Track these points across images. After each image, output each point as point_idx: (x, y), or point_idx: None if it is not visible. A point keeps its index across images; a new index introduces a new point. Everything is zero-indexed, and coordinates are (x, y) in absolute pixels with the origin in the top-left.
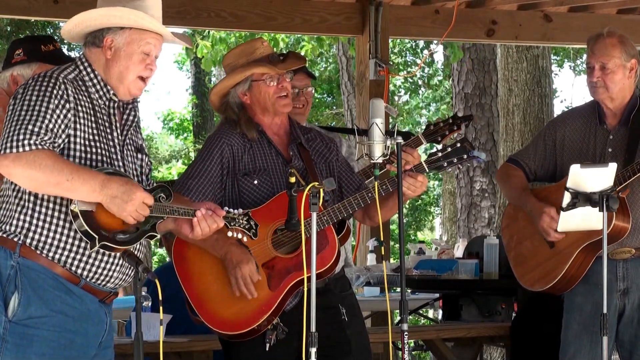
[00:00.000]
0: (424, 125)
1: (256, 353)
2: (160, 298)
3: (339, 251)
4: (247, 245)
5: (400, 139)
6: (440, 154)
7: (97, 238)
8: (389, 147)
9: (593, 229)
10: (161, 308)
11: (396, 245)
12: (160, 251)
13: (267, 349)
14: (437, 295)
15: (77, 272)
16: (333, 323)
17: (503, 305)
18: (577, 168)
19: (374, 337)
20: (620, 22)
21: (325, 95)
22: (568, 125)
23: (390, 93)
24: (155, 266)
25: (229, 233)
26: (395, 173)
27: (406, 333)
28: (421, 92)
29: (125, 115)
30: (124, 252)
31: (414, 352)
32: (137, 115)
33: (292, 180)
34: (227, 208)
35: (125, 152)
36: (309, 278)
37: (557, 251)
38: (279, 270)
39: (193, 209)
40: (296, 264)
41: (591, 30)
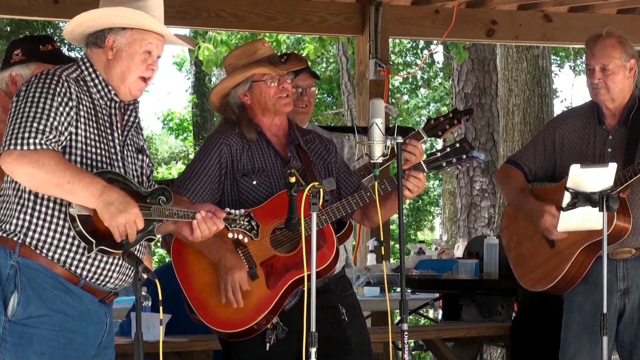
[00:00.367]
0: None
1: (256, 353)
2: (160, 298)
3: (337, 250)
4: (246, 245)
5: (400, 139)
6: (439, 154)
7: (95, 243)
8: (389, 147)
9: (593, 229)
10: (161, 308)
11: (396, 245)
12: (160, 251)
13: (267, 348)
14: (437, 295)
15: (77, 272)
16: (333, 323)
17: (503, 305)
18: (577, 168)
19: (374, 337)
20: (620, 22)
21: (325, 95)
22: (567, 125)
23: (390, 92)
24: (155, 266)
25: (230, 234)
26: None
27: (406, 333)
28: (421, 93)
29: (126, 116)
30: (123, 252)
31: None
32: (138, 116)
33: (292, 180)
34: (228, 209)
35: (125, 153)
36: (308, 277)
37: (558, 251)
38: (278, 268)
39: (193, 212)
40: (295, 263)
41: (591, 30)
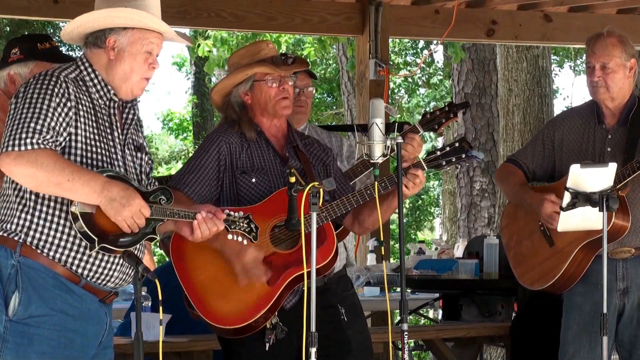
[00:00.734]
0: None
1: (256, 353)
2: (160, 298)
3: (337, 248)
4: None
5: (400, 139)
6: (439, 153)
7: (97, 240)
8: (389, 146)
9: (593, 228)
10: (161, 308)
11: (396, 245)
12: (160, 251)
13: (267, 348)
14: (437, 295)
15: (78, 271)
16: (332, 322)
17: (503, 305)
18: (577, 168)
19: (374, 337)
20: (620, 22)
21: (325, 95)
22: (566, 125)
23: (390, 92)
24: (155, 266)
25: (229, 236)
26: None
27: (406, 333)
28: (421, 93)
29: (124, 115)
30: (124, 252)
31: (413, 352)
32: (137, 114)
33: (292, 180)
34: (227, 211)
35: (125, 152)
36: (308, 274)
37: (557, 250)
38: (278, 265)
39: (193, 212)
40: (295, 260)
41: (591, 30)
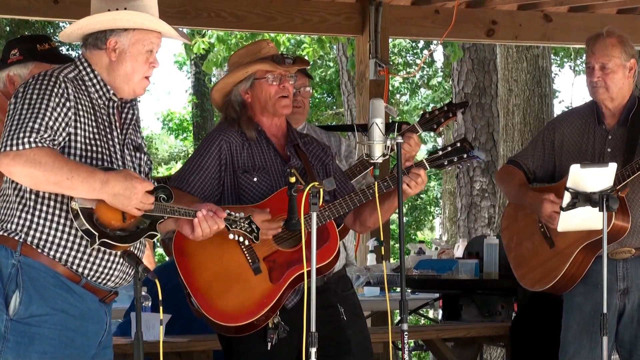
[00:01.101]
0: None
1: (257, 352)
2: (160, 298)
3: (339, 248)
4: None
5: (400, 139)
6: (441, 153)
7: (97, 235)
8: (389, 147)
9: (593, 229)
10: (161, 308)
11: (396, 245)
12: (160, 250)
13: (269, 348)
14: (437, 295)
15: (78, 270)
16: (332, 322)
17: (503, 305)
18: (577, 168)
19: (374, 337)
20: (620, 22)
21: (325, 95)
22: (567, 125)
23: (390, 93)
24: (155, 264)
25: (230, 235)
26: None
27: (406, 333)
28: (421, 93)
29: (123, 115)
30: (123, 251)
31: (413, 352)
32: (136, 114)
33: (292, 180)
34: (228, 211)
35: (125, 152)
36: (308, 274)
37: (557, 251)
38: (281, 263)
39: (194, 210)
40: (297, 258)
41: (591, 30)
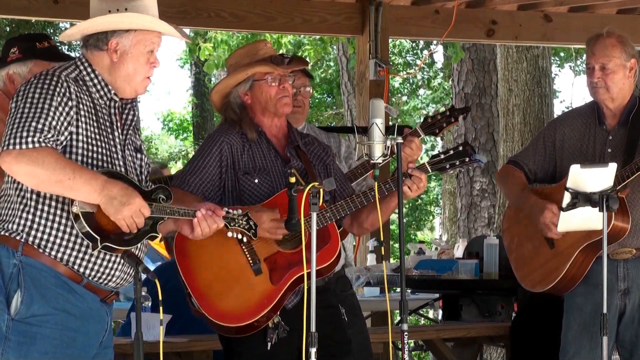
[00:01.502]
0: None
1: (257, 352)
2: (160, 298)
3: (340, 249)
4: (250, 241)
5: (400, 139)
6: (443, 156)
7: (99, 239)
8: (389, 147)
9: (593, 229)
10: (161, 308)
11: (396, 245)
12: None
13: (269, 348)
14: (437, 295)
15: (80, 270)
16: (332, 322)
17: (503, 305)
18: (577, 168)
19: (374, 337)
20: (620, 22)
21: (325, 95)
22: (567, 125)
23: (390, 93)
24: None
25: (229, 233)
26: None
27: (406, 333)
28: (421, 94)
29: (124, 115)
30: (124, 252)
31: (413, 352)
32: (136, 115)
33: (292, 180)
34: (226, 209)
35: (126, 152)
36: (308, 275)
37: (558, 252)
38: (281, 264)
39: (193, 210)
40: (298, 260)
41: (591, 30)
